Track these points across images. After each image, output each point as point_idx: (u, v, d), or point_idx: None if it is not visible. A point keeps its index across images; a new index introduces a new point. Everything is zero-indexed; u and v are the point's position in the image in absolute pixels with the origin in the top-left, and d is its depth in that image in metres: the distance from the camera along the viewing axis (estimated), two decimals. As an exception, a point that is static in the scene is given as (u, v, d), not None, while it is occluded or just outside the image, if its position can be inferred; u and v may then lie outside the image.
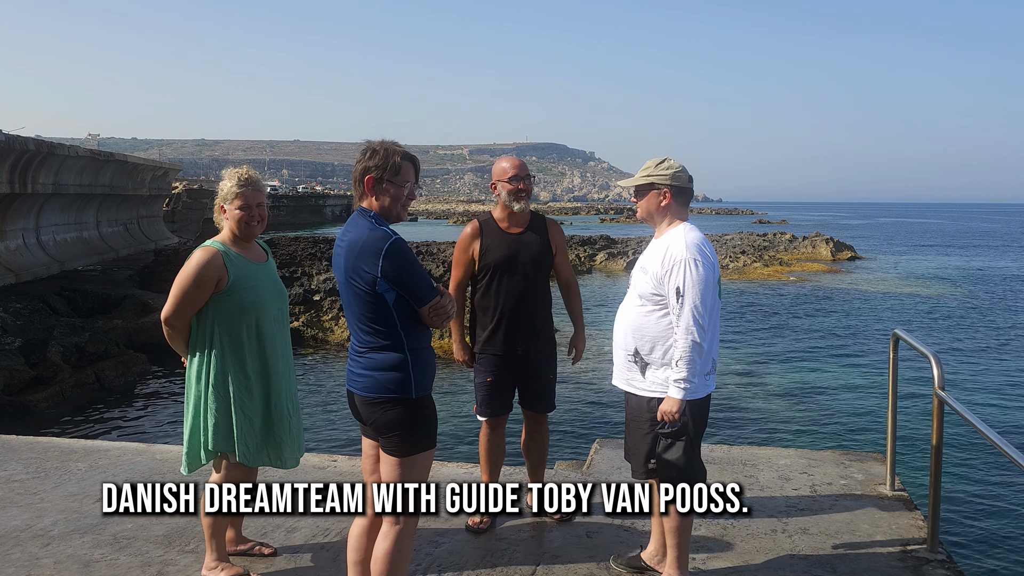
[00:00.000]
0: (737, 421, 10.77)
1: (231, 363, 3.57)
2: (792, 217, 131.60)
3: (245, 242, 3.72)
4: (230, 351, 3.57)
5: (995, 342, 17.27)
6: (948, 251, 50.02)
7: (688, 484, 3.37)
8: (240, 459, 3.58)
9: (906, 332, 4.63)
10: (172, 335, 3.65)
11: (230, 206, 3.65)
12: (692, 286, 3.25)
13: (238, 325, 3.58)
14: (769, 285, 27.86)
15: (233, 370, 3.57)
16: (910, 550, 4.06)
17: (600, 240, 42.83)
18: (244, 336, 3.59)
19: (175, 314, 3.56)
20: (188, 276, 3.52)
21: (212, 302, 3.57)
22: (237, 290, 3.57)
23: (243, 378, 3.59)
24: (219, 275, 3.54)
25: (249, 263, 3.66)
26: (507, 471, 5.07)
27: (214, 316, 3.57)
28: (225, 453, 3.60)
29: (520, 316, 4.16)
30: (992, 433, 3.27)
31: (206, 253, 3.56)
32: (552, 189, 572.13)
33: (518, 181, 4.13)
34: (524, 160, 4.62)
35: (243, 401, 3.58)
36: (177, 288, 3.54)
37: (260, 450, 3.65)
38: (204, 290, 3.53)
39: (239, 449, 3.57)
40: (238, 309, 3.57)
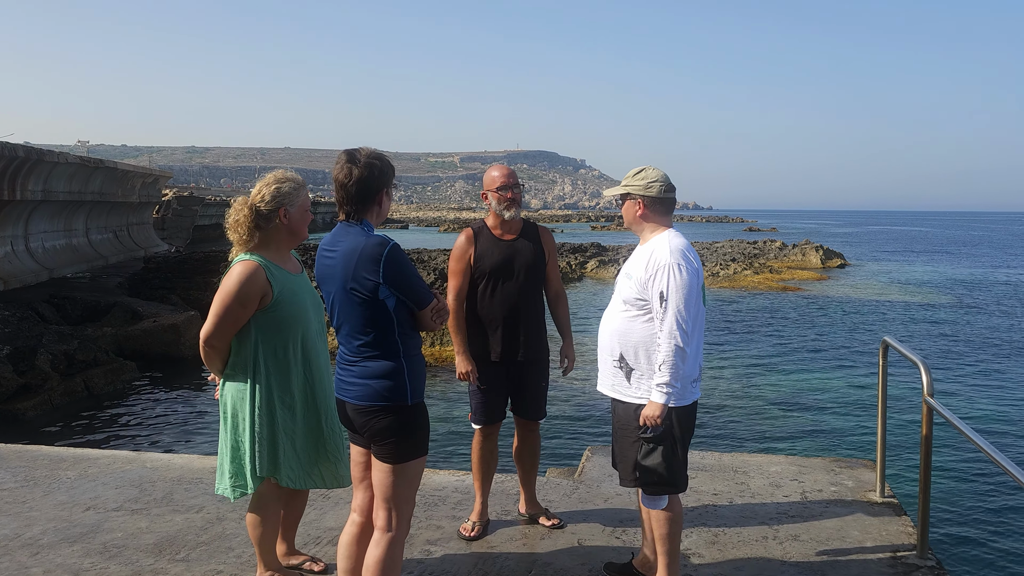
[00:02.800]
0: (728, 428, 10.79)
1: (276, 383, 3.42)
2: (782, 225, 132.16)
3: (290, 250, 3.58)
4: (275, 369, 3.42)
5: (983, 348, 17.37)
6: (936, 258, 50.29)
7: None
8: (284, 483, 3.47)
9: (895, 340, 4.66)
10: (211, 355, 3.44)
11: (296, 210, 3.45)
12: (676, 291, 3.26)
13: (284, 341, 3.43)
14: (759, 293, 27.94)
15: (278, 390, 3.43)
16: (900, 556, 4.08)
17: (591, 248, 42.87)
18: (290, 352, 3.44)
19: (217, 333, 3.37)
20: (231, 293, 3.32)
21: (255, 319, 3.39)
22: (281, 305, 3.41)
23: (288, 397, 3.45)
24: (263, 291, 3.36)
25: (290, 276, 3.50)
26: (499, 478, 5.08)
27: (257, 334, 3.40)
28: (268, 477, 3.47)
29: (515, 323, 4.17)
30: (981, 440, 3.29)
31: (248, 268, 3.36)
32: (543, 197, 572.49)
33: (506, 190, 4.15)
34: (515, 168, 4.63)
35: (286, 423, 3.46)
36: (219, 306, 3.34)
37: (309, 471, 3.53)
38: (248, 307, 3.35)
39: (284, 473, 3.46)
40: (282, 325, 3.42)
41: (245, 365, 3.43)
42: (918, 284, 32.81)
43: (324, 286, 3.11)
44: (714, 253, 41.97)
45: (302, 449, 3.52)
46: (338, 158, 3.09)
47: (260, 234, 3.46)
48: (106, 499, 4.83)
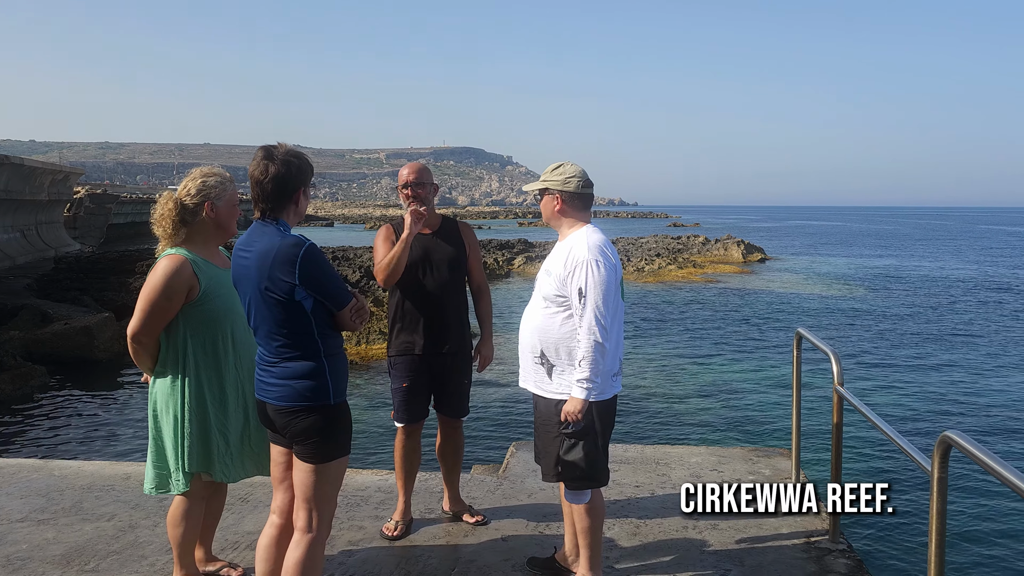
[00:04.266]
0: (651, 421, 10.97)
1: (206, 377, 3.40)
2: (705, 220, 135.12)
3: (218, 245, 3.55)
4: (204, 364, 3.39)
5: (893, 338, 18.08)
6: (850, 252, 52.17)
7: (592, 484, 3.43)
8: (218, 478, 3.44)
9: (808, 331, 4.80)
10: (139, 352, 3.39)
11: (223, 204, 3.43)
12: (594, 287, 3.29)
13: (213, 336, 3.40)
14: (683, 287, 28.51)
15: (209, 385, 3.40)
16: (813, 541, 4.21)
17: (518, 244, 43.06)
18: (220, 347, 3.42)
19: (143, 329, 3.32)
20: (156, 287, 3.29)
21: (183, 314, 3.36)
22: (209, 299, 3.38)
23: (219, 392, 3.42)
24: (189, 284, 3.33)
25: (218, 270, 3.46)
26: (423, 477, 5.05)
27: (186, 329, 3.37)
28: (199, 473, 3.42)
29: (436, 317, 4.15)
30: (886, 426, 3.42)
31: (173, 261, 3.33)
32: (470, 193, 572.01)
33: (407, 188, 4.17)
34: (442, 164, 4.61)
35: (219, 418, 3.42)
36: (145, 301, 3.30)
37: (239, 465, 3.50)
38: (175, 301, 3.32)
39: (218, 469, 3.42)
40: (211, 319, 3.39)
41: (174, 360, 3.40)
42: (833, 277, 33.97)
43: (240, 287, 3.04)
44: (639, 248, 42.62)
45: (235, 444, 3.48)
46: (255, 154, 3.02)
47: (187, 229, 3.44)
48: (10, 510, 4.62)
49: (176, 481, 3.42)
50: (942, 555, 2.79)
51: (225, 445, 3.44)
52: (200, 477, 3.44)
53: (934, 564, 2.77)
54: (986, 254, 50.63)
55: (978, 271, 37.48)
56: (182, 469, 3.39)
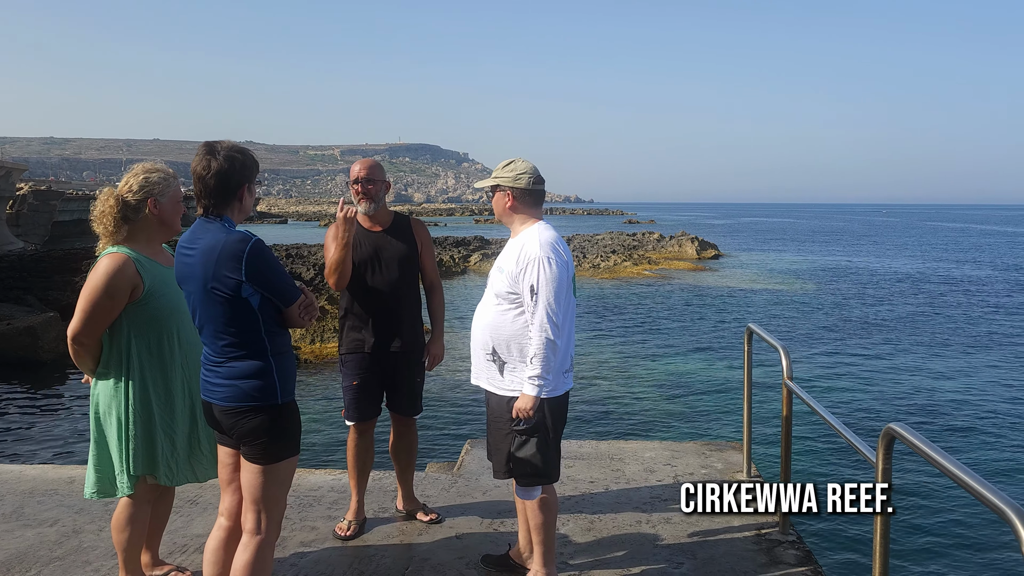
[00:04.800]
0: (605, 417, 11.05)
1: (152, 378, 3.32)
2: (660, 217, 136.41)
3: (162, 243, 3.47)
4: (150, 365, 3.31)
5: (840, 332, 18.45)
6: (802, 248, 53.13)
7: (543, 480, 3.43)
8: (164, 481, 3.36)
9: (759, 326, 4.86)
10: (80, 353, 3.30)
11: (167, 200, 3.36)
12: (546, 284, 3.29)
13: (158, 336, 3.32)
14: (638, 283, 28.74)
15: (154, 387, 3.32)
16: (764, 533, 4.27)
17: (474, 241, 43.02)
18: (165, 347, 3.34)
19: (85, 330, 3.24)
20: (97, 287, 3.20)
21: (126, 313, 3.28)
22: (153, 298, 3.30)
23: (165, 393, 3.35)
24: (133, 283, 3.25)
25: (162, 268, 3.38)
26: (376, 475, 5.01)
27: (129, 329, 3.29)
28: (144, 476, 3.35)
29: (387, 314, 4.11)
30: (832, 418, 3.48)
31: (116, 260, 3.24)
32: (426, 190, 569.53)
33: (356, 184, 4.13)
34: (397, 161, 4.57)
35: (165, 419, 3.34)
36: (86, 300, 3.21)
37: (186, 467, 3.43)
38: (117, 301, 3.24)
39: (162, 471, 3.34)
40: (156, 319, 3.31)
41: (118, 361, 3.32)
42: (785, 273, 34.55)
43: (185, 285, 2.97)
44: (595, 245, 42.87)
45: (182, 446, 3.41)
46: (198, 150, 2.95)
47: (129, 226, 3.36)
48: (-53, 517, 4.47)
49: (120, 484, 3.35)
50: (886, 544, 2.85)
51: (171, 447, 3.38)
52: (145, 480, 3.37)
53: (879, 553, 2.83)
54: (930, 250, 51.94)
55: (922, 266, 38.44)
56: (127, 472, 3.31)
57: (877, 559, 2.83)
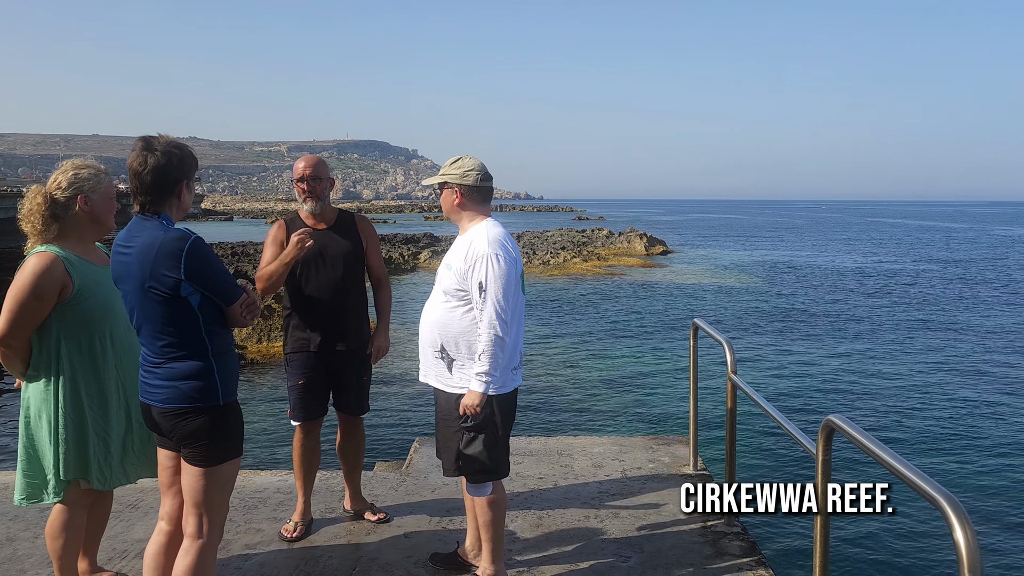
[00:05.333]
0: (554, 413, 11.10)
1: (83, 381, 3.22)
2: (609, 214, 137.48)
3: (95, 241, 3.37)
4: (81, 367, 3.22)
5: (784, 326, 18.82)
6: (747, 244, 54.04)
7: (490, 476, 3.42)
8: (96, 485, 3.27)
9: (704, 321, 4.93)
10: (8, 355, 3.21)
11: (98, 197, 3.27)
12: (494, 280, 3.28)
13: (90, 337, 3.23)
14: (588, 280, 28.92)
15: (87, 389, 3.23)
16: (709, 525, 4.33)
17: (424, 238, 42.87)
18: (98, 348, 3.25)
19: (12, 332, 3.15)
20: (24, 287, 3.12)
21: (55, 314, 3.19)
22: (84, 298, 3.21)
23: (98, 396, 3.25)
24: (62, 283, 3.16)
25: (94, 267, 3.29)
26: (324, 475, 4.96)
27: (59, 330, 3.20)
28: (77, 480, 3.26)
29: (332, 312, 4.06)
30: (775, 411, 3.54)
31: (43, 259, 3.16)
32: (375, 187, 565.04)
33: (303, 182, 4.08)
34: (346, 158, 4.51)
35: (98, 422, 3.25)
36: (12, 301, 3.13)
37: (120, 471, 3.34)
38: (46, 301, 3.15)
39: (95, 475, 3.25)
40: (87, 319, 3.22)
41: (48, 363, 3.23)
42: (732, 267, 35.12)
43: (121, 285, 2.89)
44: (544, 242, 43.02)
45: (116, 449, 3.32)
46: (134, 145, 2.88)
47: (58, 224, 3.27)
48: None
49: (51, 490, 3.26)
50: (826, 534, 2.91)
51: (104, 451, 3.29)
52: (78, 484, 3.29)
53: (819, 542, 2.89)
54: (870, 244, 53.29)
55: (863, 260, 39.42)
56: (57, 477, 3.23)
57: (817, 555, 2.89)
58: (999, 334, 18.00)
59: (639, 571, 3.80)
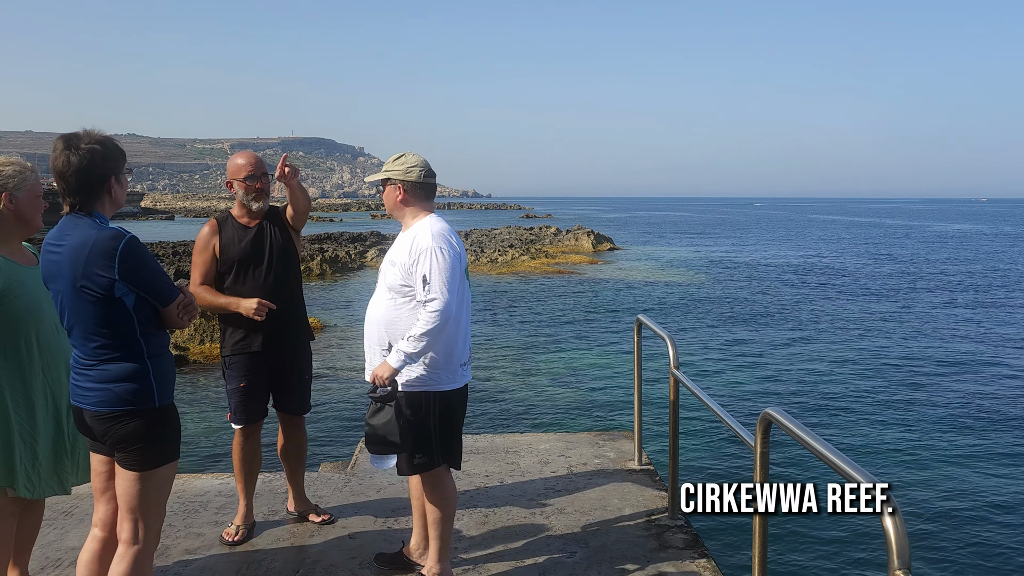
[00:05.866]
0: (502, 410, 11.12)
1: (8, 385, 3.11)
2: (557, 211, 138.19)
3: (21, 240, 3.26)
4: (6, 370, 3.11)
5: (727, 321, 19.14)
6: (692, 241, 54.80)
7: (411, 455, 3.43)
8: (23, 494, 3.15)
9: (648, 317, 4.98)
10: None
11: (24, 195, 3.16)
12: (438, 273, 3.27)
13: (15, 340, 3.12)
14: (536, 277, 29.02)
15: (12, 393, 3.12)
16: (654, 519, 4.39)
17: (371, 236, 42.55)
18: (23, 351, 3.14)
19: None
20: None
21: None
22: (8, 299, 3.11)
23: (24, 400, 3.14)
24: None
25: (20, 268, 3.18)
26: (266, 477, 4.89)
27: None
28: (4, 488, 3.14)
29: (272, 313, 3.97)
30: (715, 405, 3.59)
31: None
32: (321, 185, 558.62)
33: (255, 180, 3.99)
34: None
35: (24, 428, 3.14)
36: None
37: (50, 478, 3.23)
38: None
39: (22, 483, 3.14)
40: (12, 321, 3.11)
41: None
42: (677, 264, 35.58)
43: (52, 284, 2.81)
44: (492, 240, 43.04)
45: (45, 456, 3.22)
46: (55, 145, 2.79)
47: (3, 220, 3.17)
48: None
49: None
50: (765, 525, 2.97)
51: (32, 457, 3.19)
52: (5, 493, 3.18)
53: (758, 534, 2.94)
54: (814, 241, 54.50)
55: (805, 257, 40.30)
56: None
57: (757, 538, 2.94)
58: (932, 326, 18.57)
59: (584, 566, 3.83)
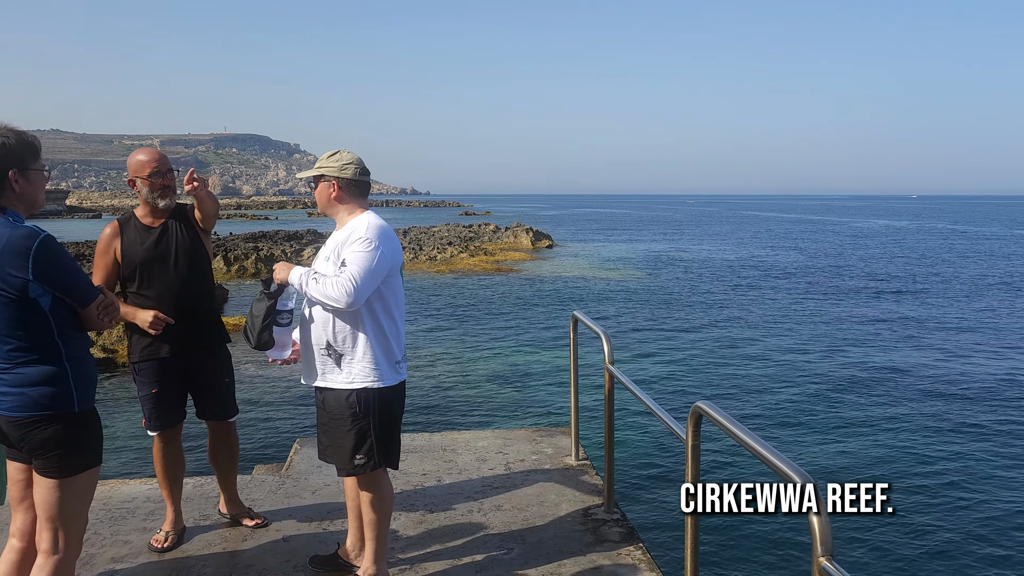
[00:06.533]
0: (440, 408, 11.09)
1: None
2: (496, 209, 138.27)
3: None
4: None
5: (662, 316, 19.43)
6: (630, 237, 55.46)
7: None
8: None
9: (583, 313, 5.01)
10: None
11: None
12: (358, 262, 3.21)
13: None
14: (474, 275, 29.00)
15: None
16: (590, 513, 4.42)
17: (307, 235, 41.95)
18: None
19: None
20: None
21: None
22: None
23: None
24: None
25: None
26: (199, 481, 4.78)
27: None
28: None
29: (182, 316, 3.84)
30: (648, 399, 3.63)
31: None
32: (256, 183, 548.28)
33: (160, 177, 3.87)
34: (224, 152, 4.30)
35: None
36: None
37: None
38: None
39: None
40: None
41: None
42: (615, 260, 35.96)
43: None
44: (431, 237, 42.86)
45: None
46: None
47: None
48: None
49: None
50: (696, 516, 3.01)
51: None
52: None
53: (690, 524, 2.99)
54: (746, 237, 55.67)
55: (738, 253, 41.14)
56: None
57: (689, 530, 2.99)
58: (858, 319, 19.15)
59: (521, 562, 3.84)
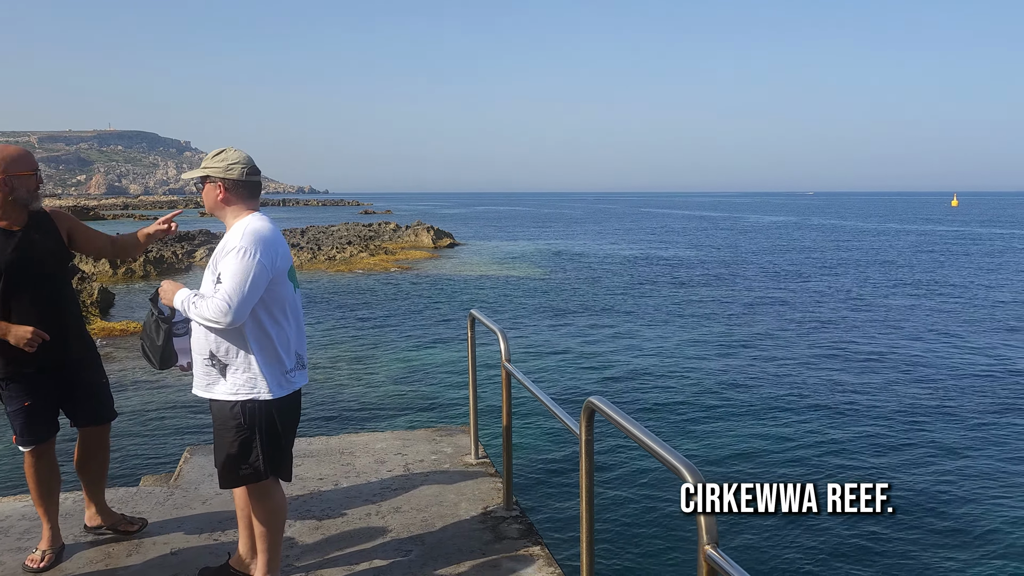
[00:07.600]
0: (337, 411, 10.91)
1: None
2: (396, 207, 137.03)
3: None
4: None
5: (559, 313, 19.69)
6: (531, 235, 55.90)
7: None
8: None
9: (480, 311, 5.01)
10: None
11: None
12: (233, 276, 3.09)
13: None
14: (375, 274, 28.66)
15: None
16: (490, 511, 4.43)
17: (199, 235, 40.55)
18: None
19: None
20: None
21: None
22: None
23: None
24: None
25: None
26: (76, 496, 4.55)
27: None
28: None
29: (47, 322, 3.63)
30: (544, 396, 3.66)
31: None
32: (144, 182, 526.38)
33: (37, 176, 3.67)
34: (109, 150, 4.08)
35: None
36: None
37: None
38: None
39: None
40: None
41: None
42: (515, 258, 36.18)
43: None
44: (331, 237, 42.10)
45: None
46: None
47: None
48: None
49: None
50: (591, 510, 3.06)
51: None
52: None
53: (585, 518, 3.03)
54: (643, 234, 56.97)
55: (636, 248, 42.07)
56: None
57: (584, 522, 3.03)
58: (750, 309, 19.88)
59: (420, 563, 3.81)
